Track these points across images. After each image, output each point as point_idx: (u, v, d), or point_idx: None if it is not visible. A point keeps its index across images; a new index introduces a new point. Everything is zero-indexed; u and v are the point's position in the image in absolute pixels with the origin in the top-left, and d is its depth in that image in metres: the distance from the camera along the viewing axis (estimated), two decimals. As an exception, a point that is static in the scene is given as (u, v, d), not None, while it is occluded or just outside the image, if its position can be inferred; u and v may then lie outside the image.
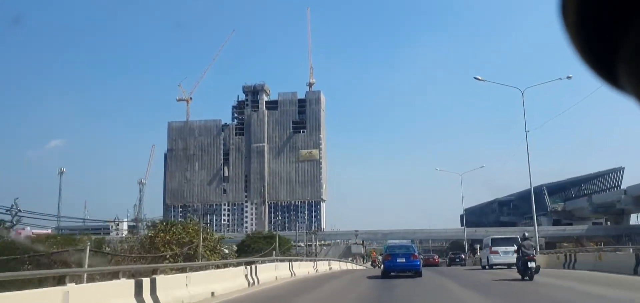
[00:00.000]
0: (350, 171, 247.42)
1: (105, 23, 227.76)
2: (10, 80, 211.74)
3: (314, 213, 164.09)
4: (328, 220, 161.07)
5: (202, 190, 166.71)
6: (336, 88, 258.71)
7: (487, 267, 27.48)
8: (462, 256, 48.32)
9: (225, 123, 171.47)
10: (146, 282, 11.46)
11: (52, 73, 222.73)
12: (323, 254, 74.54)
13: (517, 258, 18.70)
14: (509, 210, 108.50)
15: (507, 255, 25.35)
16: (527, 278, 17.67)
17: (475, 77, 38.12)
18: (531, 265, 17.78)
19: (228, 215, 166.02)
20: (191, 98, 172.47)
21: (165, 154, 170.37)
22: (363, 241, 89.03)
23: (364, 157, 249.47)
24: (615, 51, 0.95)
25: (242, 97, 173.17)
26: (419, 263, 21.91)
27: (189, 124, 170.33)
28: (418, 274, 21.06)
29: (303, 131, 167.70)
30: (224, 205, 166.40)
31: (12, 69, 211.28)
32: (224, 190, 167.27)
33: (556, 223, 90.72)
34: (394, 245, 27.90)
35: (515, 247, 19.95)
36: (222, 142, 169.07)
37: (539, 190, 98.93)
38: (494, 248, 27.48)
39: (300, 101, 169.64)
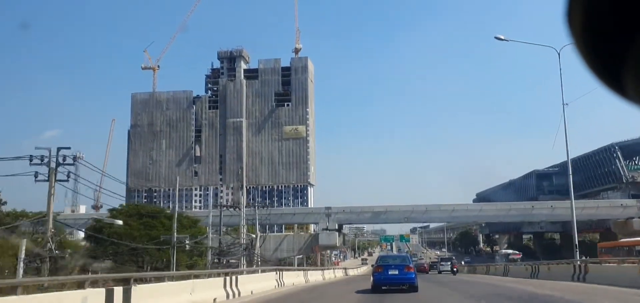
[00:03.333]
0: (343, 153, 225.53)
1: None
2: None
3: (299, 199, 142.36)
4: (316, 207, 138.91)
5: (170, 172, 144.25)
6: (327, 55, 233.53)
7: (439, 272, 49.69)
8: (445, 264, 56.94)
9: (197, 95, 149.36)
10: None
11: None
12: (273, 249, 52.08)
13: (451, 266, 49.47)
14: (550, 186, 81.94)
15: (447, 266, 50.25)
16: (453, 274, 45.33)
17: (496, 37, 30.21)
18: (455, 270, 48.54)
19: (200, 200, 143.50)
20: (158, 66, 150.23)
21: (129, 131, 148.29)
22: (340, 227, 62.16)
23: (360, 137, 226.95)
24: (622, 59, 0.93)
25: (217, 64, 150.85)
26: (414, 275, 19.34)
27: (156, 96, 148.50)
28: (413, 288, 18.72)
29: (287, 105, 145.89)
30: (195, 189, 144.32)
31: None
32: (195, 172, 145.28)
33: (635, 197, 63.09)
34: (386, 255, 28.89)
35: (450, 262, 51.58)
36: (194, 116, 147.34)
37: (607, 152, 73.12)
38: (442, 263, 53.19)
39: (284, 69, 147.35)
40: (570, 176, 28.30)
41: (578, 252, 26.52)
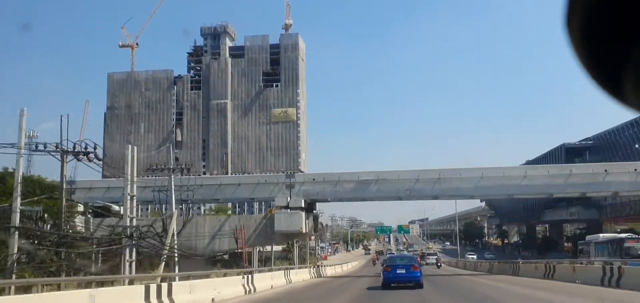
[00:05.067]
0: (337, 139, 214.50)
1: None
2: None
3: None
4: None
5: (149, 157, 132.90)
6: (319, 32, 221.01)
7: (425, 263, 56.87)
8: (431, 258, 65.78)
9: (179, 75, 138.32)
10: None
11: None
12: (210, 237, 41.04)
13: (436, 260, 61.06)
14: (582, 164, 68.08)
15: (431, 260, 61.85)
16: (438, 268, 54.90)
17: None
18: (439, 264, 59.88)
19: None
20: (137, 44, 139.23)
21: (105, 114, 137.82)
22: (311, 205, 42.45)
23: (356, 122, 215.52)
24: (621, 65, 0.93)
25: (200, 42, 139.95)
26: (419, 274, 21.86)
27: (134, 76, 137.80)
28: (419, 285, 21.12)
29: (276, 85, 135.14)
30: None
31: None
32: (176, 158, 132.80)
33: None
34: (394, 256, 32.13)
35: (435, 257, 63.00)
36: (175, 98, 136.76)
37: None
38: (428, 257, 64.50)
39: (273, 46, 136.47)
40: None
41: None
